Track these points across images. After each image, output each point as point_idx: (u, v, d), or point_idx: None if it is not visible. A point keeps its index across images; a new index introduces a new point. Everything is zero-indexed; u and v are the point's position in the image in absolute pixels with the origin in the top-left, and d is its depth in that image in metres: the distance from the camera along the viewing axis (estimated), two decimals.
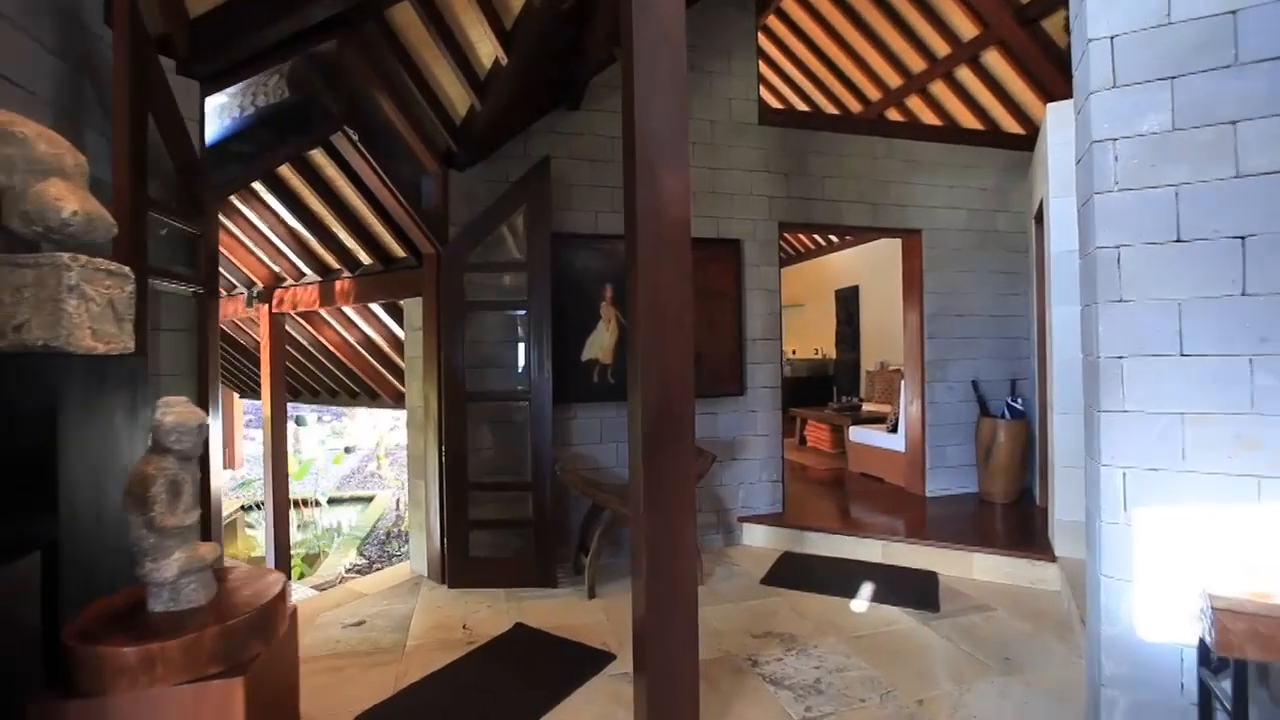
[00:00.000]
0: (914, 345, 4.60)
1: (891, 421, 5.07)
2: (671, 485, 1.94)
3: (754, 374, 4.14)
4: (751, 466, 4.14)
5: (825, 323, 10.08)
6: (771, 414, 4.18)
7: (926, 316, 4.51)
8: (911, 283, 4.62)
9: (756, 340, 4.16)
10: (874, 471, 5.22)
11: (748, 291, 4.14)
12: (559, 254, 3.77)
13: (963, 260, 4.59)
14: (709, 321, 4.01)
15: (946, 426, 4.53)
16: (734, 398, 4.10)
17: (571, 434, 3.84)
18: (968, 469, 4.56)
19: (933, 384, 4.51)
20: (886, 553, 3.66)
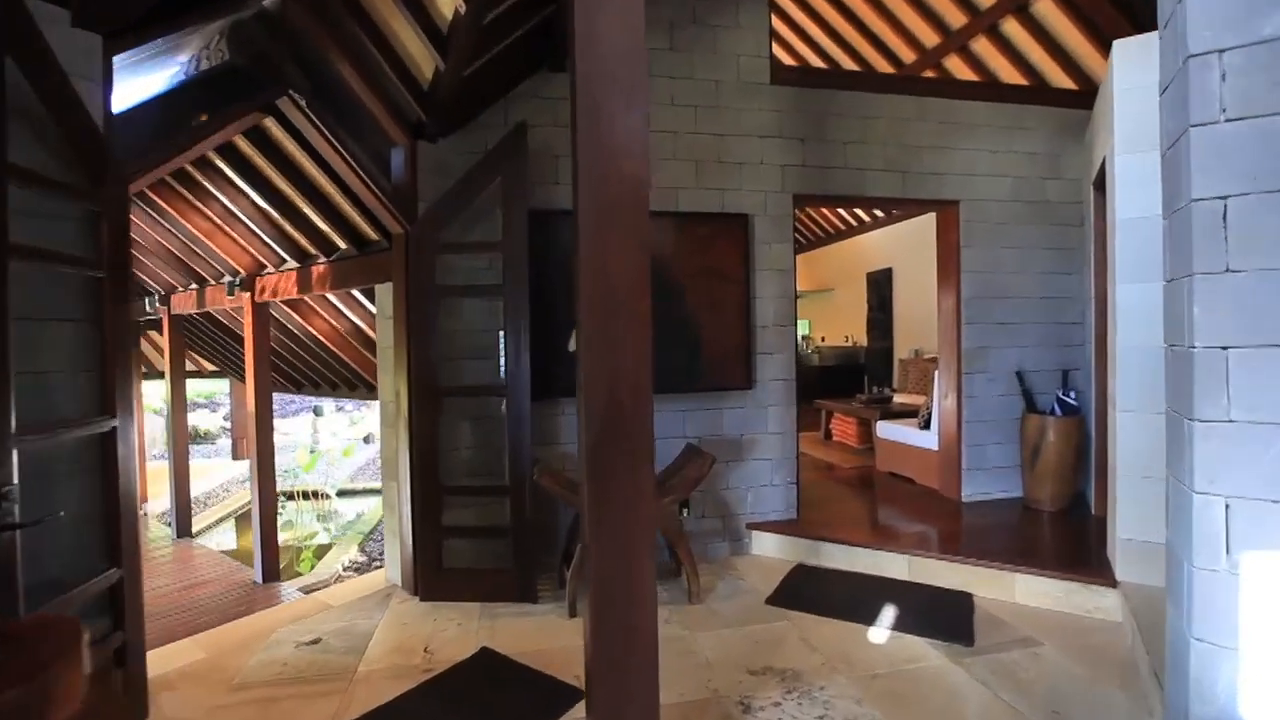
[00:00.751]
0: (949, 331, 4.08)
1: (924, 416, 4.57)
2: (623, 508, 1.55)
3: (764, 365, 3.71)
4: (762, 468, 3.72)
5: (856, 308, 9.49)
6: (785, 410, 3.74)
7: (964, 299, 3.99)
8: (947, 261, 4.10)
9: (767, 327, 3.71)
10: (903, 471, 4.73)
11: (757, 273, 3.69)
12: (543, 233, 3.40)
13: (1006, 235, 4.04)
14: (712, 306, 3.59)
15: (986, 423, 4.02)
16: (741, 392, 3.67)
17: (558, 431, 3.48)
18: (1010, 471, 4.05)
19: (971, 375, 4.00)
20: (914, 569, 3.21)
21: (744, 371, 3.62)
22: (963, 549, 3.22)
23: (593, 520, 1.53)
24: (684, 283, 3.55)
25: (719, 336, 3.59)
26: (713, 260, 3.59)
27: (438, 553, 3.16)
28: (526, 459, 3.11)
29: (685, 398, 3.61)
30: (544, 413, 3.46)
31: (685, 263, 3.55)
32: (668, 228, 3.53)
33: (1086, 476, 3.86)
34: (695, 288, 3.56)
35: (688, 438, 3.61)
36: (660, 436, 3.52)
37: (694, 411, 3.63)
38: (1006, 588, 2.97)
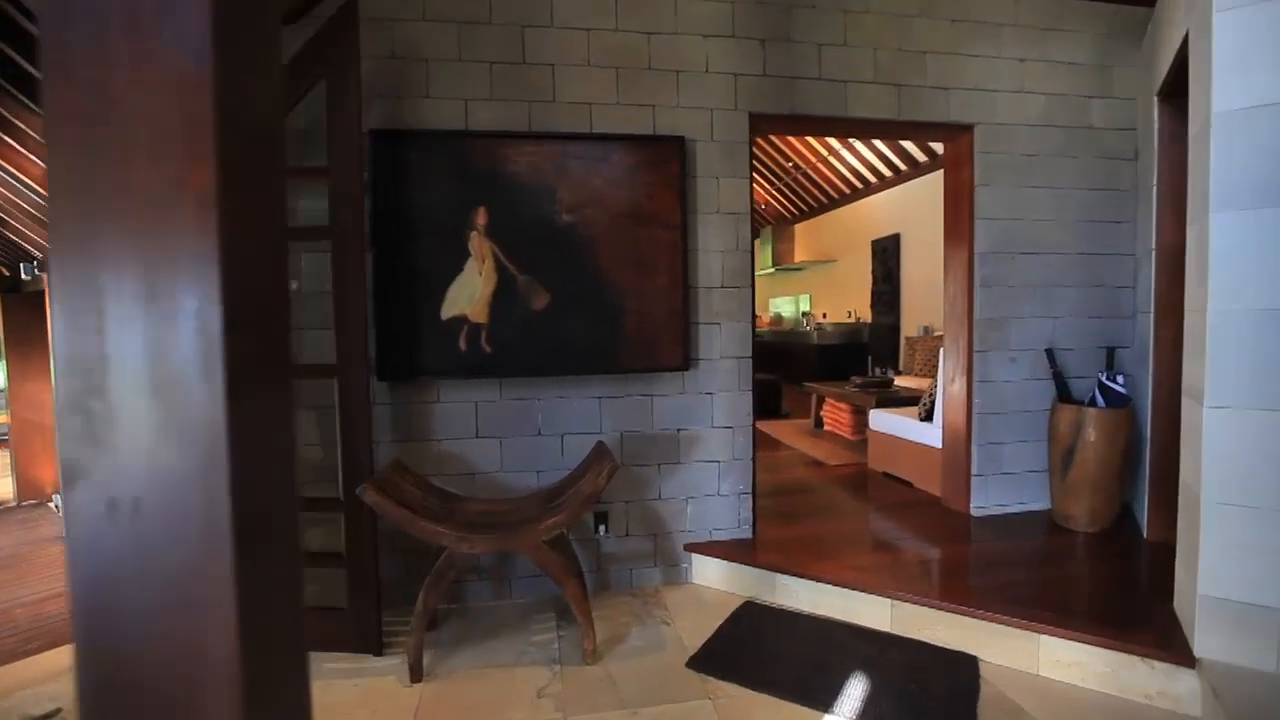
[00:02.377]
0: (959, 297, 3.16)
1: (925, 405, 3.66)
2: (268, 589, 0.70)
3: (708, 339, 2.83)
4: (705, 473, 2.86)
5: (861, 281, 8.51)
6: (737, 398, 2.87)
7: (978, 255, 3.05)
8: (957, 205, 3.16)
9: (714, 289, 2.82)
10: (899, 473, 3.84)
11: (700, 217, 2.80)
12: (406, 161, 2.54)
13: (1036, 171, 3.09)
14: (637, 262, 2.70)
15: (1005, 415, 3.11)
16: (675, 374, 2.80)
17: (432, 424, 2.65)
18: (1034, 478, 3.14)
19: (985, 354, 3.08)
20: (900, 617, 2.35)
21: (678, 348, 2.75)
22: (968, 592, 2.34)
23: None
24: (596, 231, 2.67)
25: (645, 302, 2.72)
26: (639, 200, 2.70)
27: None
28: (366, 463, 2.29)
29: (599, 381, 2.75)
30: (412, 399, 2.63)
31: (600, 204, 2.67)
32: (577, 157, 2.65)
33: (1136, 487, 2.95)
34: (613, 238, 2.68)
35: (603, 434, 2.76)
36: (566, 431, 2.67)
37: (612, 400, 2.77)
38: (1027, 652, 2.10)
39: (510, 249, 2.62)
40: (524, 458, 2.72)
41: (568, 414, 2.73)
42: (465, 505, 2.42)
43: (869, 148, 7.51)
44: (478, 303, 2.62)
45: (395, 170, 2.54)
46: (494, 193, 2.60)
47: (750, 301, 2.86)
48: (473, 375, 2.63)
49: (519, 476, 2.72)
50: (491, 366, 2.64)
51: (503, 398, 2.70)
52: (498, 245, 2.62)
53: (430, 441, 2.66)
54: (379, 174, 2.52)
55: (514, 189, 2.61)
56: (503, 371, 2.65)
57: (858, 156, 7.83)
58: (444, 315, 2.60)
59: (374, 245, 2.51)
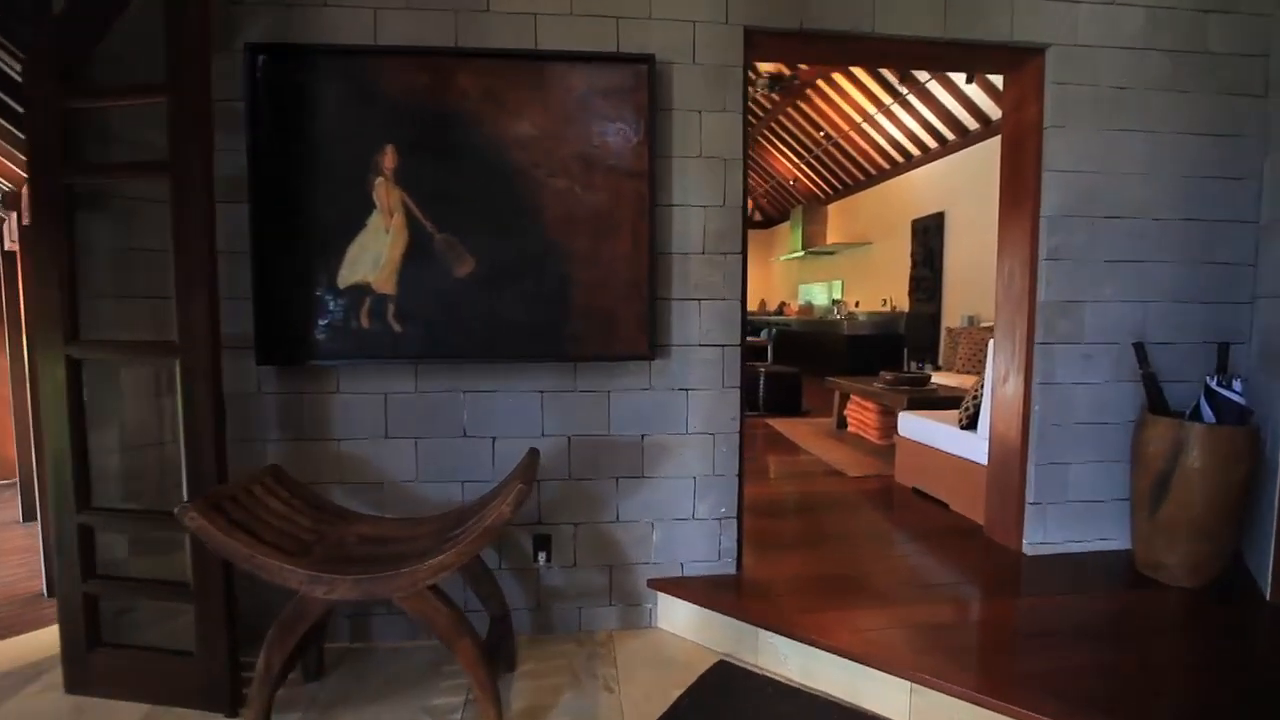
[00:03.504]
0: (1017, 274, 2.45)
1: (967, 410, 2.96)
2: None
3: (682, 320, 2.20)
4: (678, 491, 2.25)
5: (898, 266, 7.71)
6: (720, 397, 2.24)
7: (1045, 220, 2.34)
8: (1019, 154, 2.45)
9: (691, 256, 2.20)
10: (933, 490, 3.15)
11: (675, 162, 2.17)
12: (295, 85, 1.99)
13: (1128, 109, 2.35)
14: (592, 219, 2.09)
15: (1072, 427, 2.40)
16: (640, 364, 2.19)
17: (331, 420, 2.12)
18: (1111, 511, 2.44)
19: (1050, 346, 2.38)
20: (921, 708, 1.71)
21: (642, 331, 2.13)
22: (1017, 678, 1.69)
23: None
24: (538, 179, 2.07)
25: (600, 271, 2.11)
26: (594, 139, 2.08)
27: (90, 616, 1.88)
28: (213, 470, 1.76)
29: (541, 371, 2.17)
30: (306, 389, 2.10)
31: (543, 144, 2.06)
32: (515, 82, 2.05)
33: (1256, 532, 2.22)
34: (560, 187, 2.08)
35: (546, 438, 2.18)
36: (499, 433, 2.11)
37: (558, 395, 2.18)
38: None
39: (426, 200, 2.05)
40: (446, 464, 2.16)
41: (501, 411, 2.16)
42: (347, 529, 1.87)
43: (911, 114, 6.68)
44: (385, 268, 2.06)
45: (281, 97, 1.98)
46: (407, 127, 2.02)
47: (740, 273, 2.22)
48: (380, 356, 2.08)
49: (439, 488, 2.16)
50: (402, 349, 2.08)
51: (419, 389, 2.14)
52: (410, 195, 2.04)
53: (328, 442, 2.13)
54: (259, 101, 1.97)
55: (432, 123, 2.03)
56: (417, 355, 2.09)
57: (898, 125, 7.01)
58: (342, 283, 2.05)
59: (253, 192, 1.97)
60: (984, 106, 5.87)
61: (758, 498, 3.26)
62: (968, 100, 5.91)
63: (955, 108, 6.10)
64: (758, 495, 3.31)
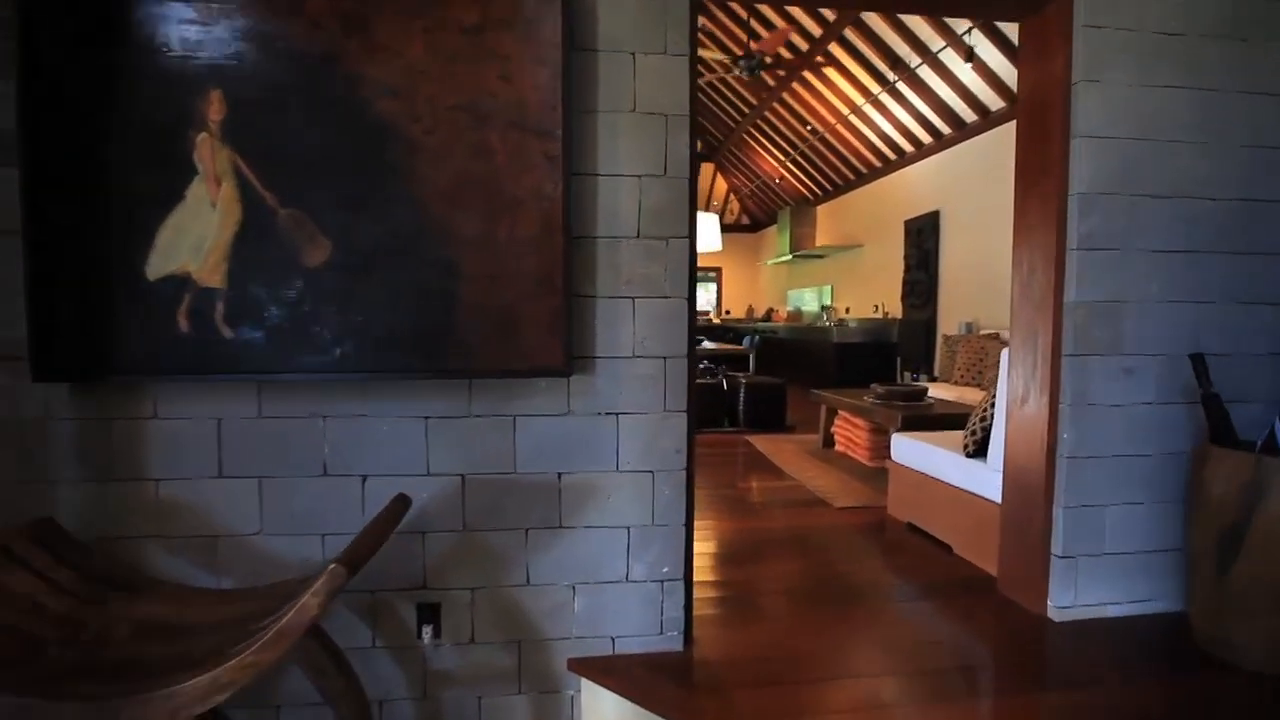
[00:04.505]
0: (1039, 269, 1.97)
1: (974, 433, 2.47)
2: None
3: (610, 324, 1.69)
4: (607, 545, 1.73)
5: (890, 269, 7.26)
6: (662, 423, 1.73)
7: (1076, 198, 1.85)
8: (1042, 116, 1.96)
9: (622, 241, 1.69)
10: (932, 529, 2.65)
11: (600, 118, 1.66)
12: (84, 10, 1.48)
13: (1178, 60, 1.87)
14: (484, 189, 1.59)
15: (1110, 460, 1.91)
16: (554, 381, 1.68)
17: (146, 454, 1.59)
18: (1161, 564, 1.94)
19: (1082, 359, 1.88)
20: None
21: (554, 337, 1.62)
22: None
23: None
24: (413, 137, 1.56)
25: (498, 259, 1.60)
26: (488, 85, 1.58)
27: None
28: None
29: (425, 390, 1.65)
30: (112, 412, 1.58)
31: (422, 90, 1.56)
32: (385, 7, 1.55)
33: None
34: (443, 149, 1.57)
35: (433, 476, 1.67)
36: (371, 470, 1.60)
37: (448, 422, 1.67)
38: None
39: (265, 163, 1.54)
40: (301, 512, 1.64)
41: (374, 442, 1.65)
42: (127, 610, 1.34)
43: (903, 105, 6.24)
44: (210, 254, 1.54)
45: (64, 26, 1.47)
46: (238, 67, 1.52)
47: (687, 263, 1.72)
48: (210, 370, 1.56)
49: (293, 544, 1.64)
50: (242, 361, 1.56)
51: (264, 413, 1.62)
52: (244, 156, 1.53)
53: (144, 482, 1.60)
54: (35, 32, 1.46)
55: (274, 60, 1.53)
56: (259, 369, 1.57)
57: (889, 118, 6.57)
58: (153, 273, 1.53)
59: (25, 152, 1.46)
60: (982, 96, 5.43)
61: (725, 536, 2.75)
62: (964, 89, 5.47)
63: (951, 97, 5.66)
64: (726, 533, 2.80)
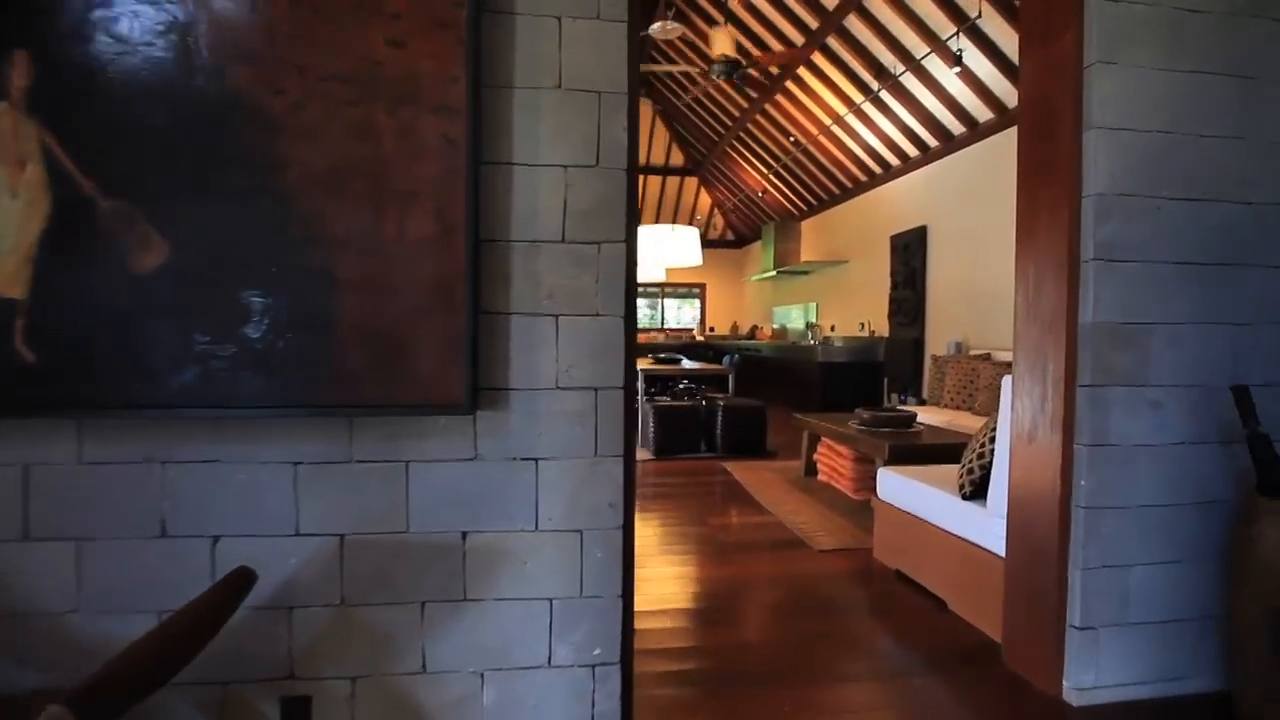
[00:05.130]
0: (1048, 284, 1.67)
1: (971, 471, 2.16)
2: None
3: (528, 347, 1.36)
4: (523, 622, 1.39)
5: (877, 286, 7.02)
6: (592, 470, 1.40)
7: (1091, 201, 1.57)
8: (1049, 107, 1.68)
9: (544, 246, 1.37)
10: (923, 580, 2.33)
11: (516, 95, 1.35)
12: None
13: (1205, 40, 1.60)
14: (367, 180, 1.27)
15: (1136, 510, 1.60)
16: (456, 419, 1.34)
17: None
18: (1196, 630, 1.63)
19: (1101, 390, 1.58)
20: None
21: (456, 366, 1.29)
22: None
23: None
24: (281, 113, 1.24)
25: (384, 267, 1.27)
26: (374, 52, 1.27)
27: None
28: None
29: (295, 429, 1.31)
30: None
31: (290, 54, 1.24)
32: None
33: None
34: (315, 128, 1.25)
35: (304, 536, 1.32)
36: (224, 530, 1.25)
37: (324, 468, 1.33)
38: None
39: (84, 143, 1.21)
40: (131, 585, 1.29)
41: (227, 494, 1.30)
42: None
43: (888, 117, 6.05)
44: (8, 255, 1.21)
45: None
46: (50, 22, 1.20)
47: (625, 273, 1.41)
48: (6, 410, 1.21)
49: (120, 625, 1.28)
50: (44, 391, 1.21)
51: (84, 459, 1.28)
52: (55, 134, 1.20)
53: None
54: None
55: (93, 14, 1.21)
56: (73, 402, 1.23)
57: (875, 131, 6.37)
58: None
59: None
60: (970, 107, 5.23)
61: (689, 588, 2.41)
62: (951, 100, 5.27)
63: (938, 108, 5.46)
64: (690, 583, 2.46)
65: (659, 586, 2.42)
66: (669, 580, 2.48)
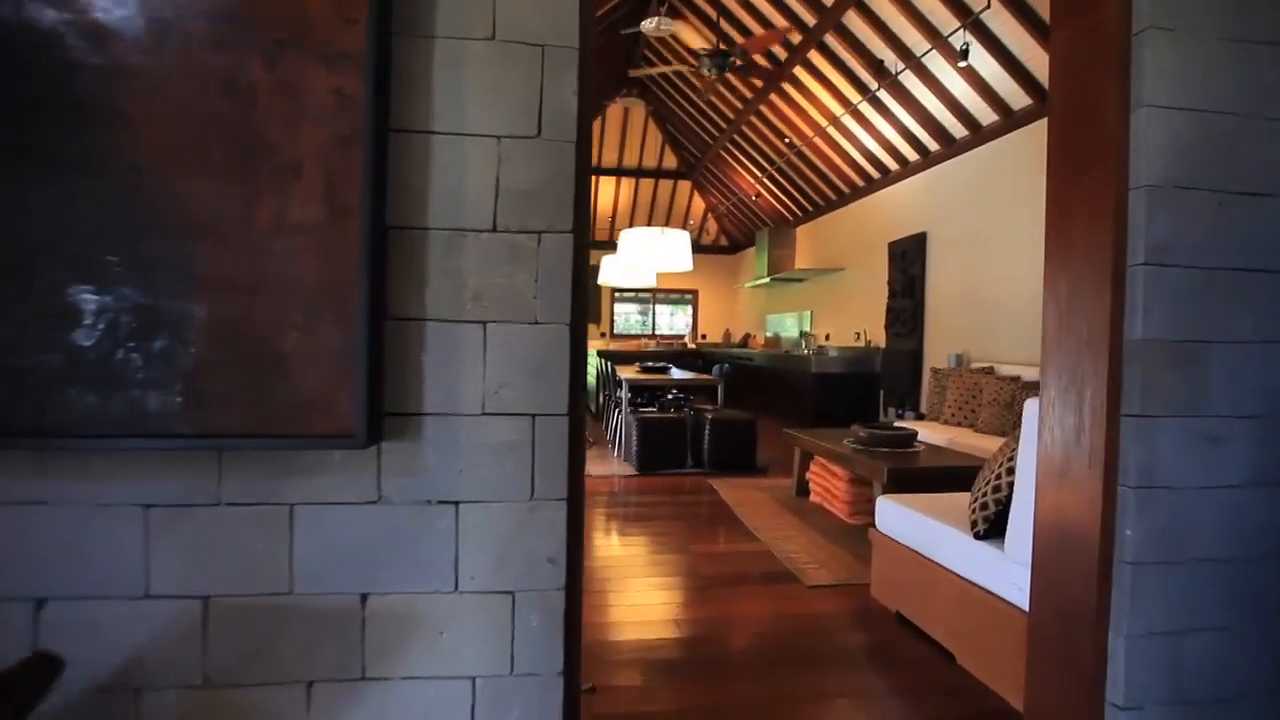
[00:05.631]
0: (1087, 298, 1.41)
1: (984, 506, 1.89)
2: None
3: (446, 363, 1.09)
4: (438, 704, 1.11)
5: (873, 295, 6.78)
6: (527, 518, 1.12)
7: (1142, 194, 1.31)
8: (1089, 83, 1.42)
9: (469, 236, 1.10)
10: (929, 628, 2.05)
11: (435, 45, 1.08)
12: None
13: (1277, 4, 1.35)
14: (236, 148, 0.99)
15: (1194, 566, 1.33)
16: (352, 455, 1.07)
17: None
18: (1261, 709, 1.36)
19: (1148, 422, 1.31)
20: None
21: (343, 390, 1.02)
22: None
23: None
24: (120, 58, 0.97)
25: (256, 261, 1.00)
26: None
27: None
28: None
29: (146, 464, 1.03)
30: None
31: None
32: None
33: None
34: (168, 81, 0.98)
35: (155, 599, 1.03)
36: (53, 593, 0.95)
37: (184, 513, 1.04)
38: None
39: None
40: None
41: (55, 546, 1.02)
42: None
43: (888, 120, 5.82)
44: None
45: None
46: None
47: (570, 272, 1.13)
48: None
49: None
50: None
51: None
52: None
53: None
54: None
55: None
56: None
57: (873, 134, 6.14)
58: None
59: None
60: (972, 108, 5.00)
61: (664, 630, 2.13)
62: (953, 101, 5.04)
63: (939, 110, 5.23)
64: (665, 625, 2.18)
65: (627, 630, 2.14)
66: (639, 623, 2.20)
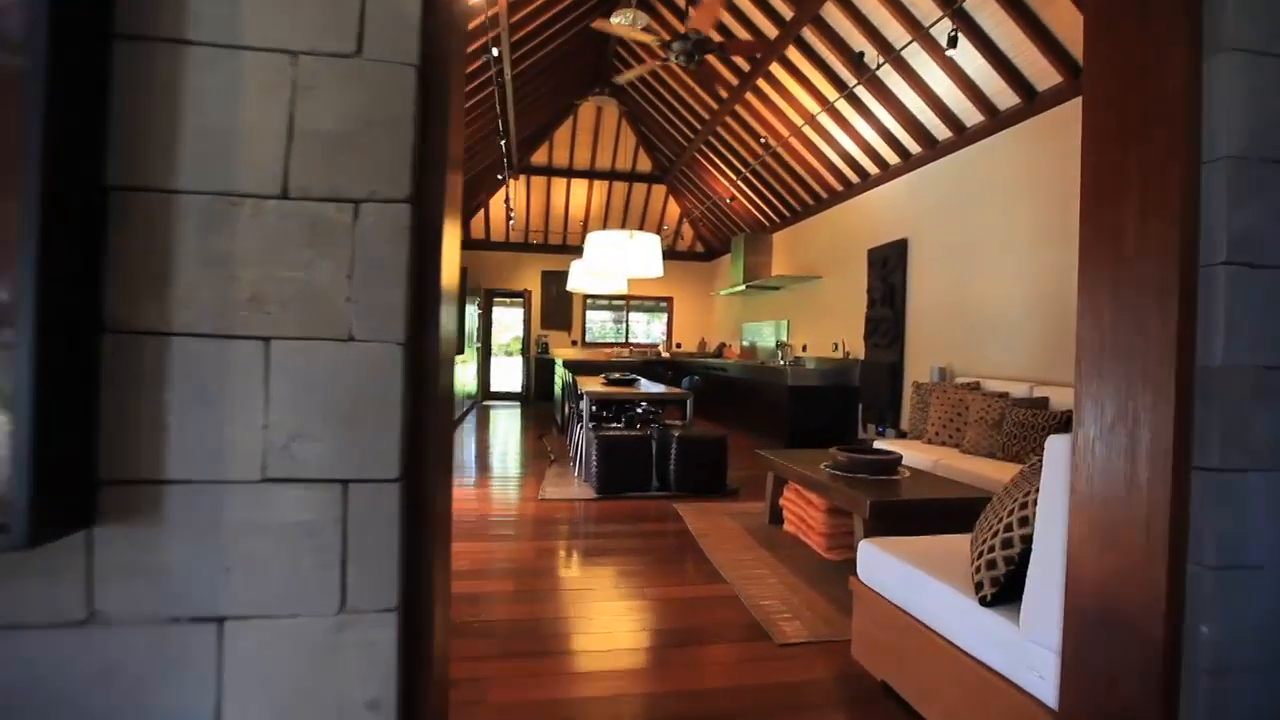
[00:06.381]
0: (1147, 313, 1.07)
1: (994, 566, 1.54)
2: None
3: (203, 403, 0.69)
4: None
5: (852, 303, 6.51)
6: (332, 636, 0.73)
7: (1218, 167, 0.97)
8: (1148, 26, 1.09)
9: (246, 203, 0.71)
10: (921, 706, 1.69)
11: None
12: None
13: None
14: None
15: None
16: (45, 550, 0.67)
17: None
18: None
19: (1228, 477, 0.97)
20: None
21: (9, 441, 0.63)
22: None
23: None
24: None
25: None
26: None
27: None
28: None
29: None
30: None
31: None
32: None
33: None
34: None
35: None
36: None
37: None
38: None
39: None
40: None
41: None
42: None
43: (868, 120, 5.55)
44: None
45: None
46: None
47: (411, 259, 0.75)
48: None
49: None
50: None
51: None
52: None
53: None
54: None
55: None
56: None
57: (852, 135, 5.87)
58: None
59: None
60: (956, 108, 4.75)
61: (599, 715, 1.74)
62: (936, 100, 4.79)
63: (921, 110, 4.97)
64: (602, 706, 1.78)
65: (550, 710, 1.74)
66: (569, 703, 1.80)
